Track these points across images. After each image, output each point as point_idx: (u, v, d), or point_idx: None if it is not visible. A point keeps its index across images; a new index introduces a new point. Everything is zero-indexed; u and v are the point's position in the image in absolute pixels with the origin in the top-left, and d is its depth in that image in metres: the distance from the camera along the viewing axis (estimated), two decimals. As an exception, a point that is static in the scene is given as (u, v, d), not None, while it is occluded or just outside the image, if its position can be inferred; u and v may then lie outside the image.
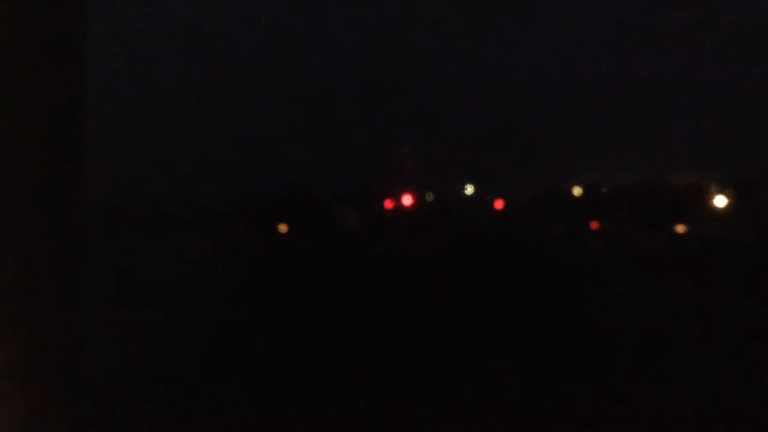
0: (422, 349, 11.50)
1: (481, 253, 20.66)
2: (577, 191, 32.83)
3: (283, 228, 29.79)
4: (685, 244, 26.15)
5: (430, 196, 40.46)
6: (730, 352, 11.29)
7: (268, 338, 11.78)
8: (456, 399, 8.47)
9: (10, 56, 2.02)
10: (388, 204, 39.31)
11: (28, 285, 2.05)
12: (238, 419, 7.22)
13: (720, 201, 32.24)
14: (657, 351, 11.49)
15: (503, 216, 32.47)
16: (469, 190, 40.18)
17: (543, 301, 14.98)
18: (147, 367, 9.09)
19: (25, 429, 2.04)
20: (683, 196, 31.94)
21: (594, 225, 28.06)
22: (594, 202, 29.30)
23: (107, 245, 23.38)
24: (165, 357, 9.83)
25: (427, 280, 17.14)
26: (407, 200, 38.27)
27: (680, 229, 28.75)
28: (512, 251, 21.23)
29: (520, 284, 17.05)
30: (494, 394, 8.88)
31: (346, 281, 18.08)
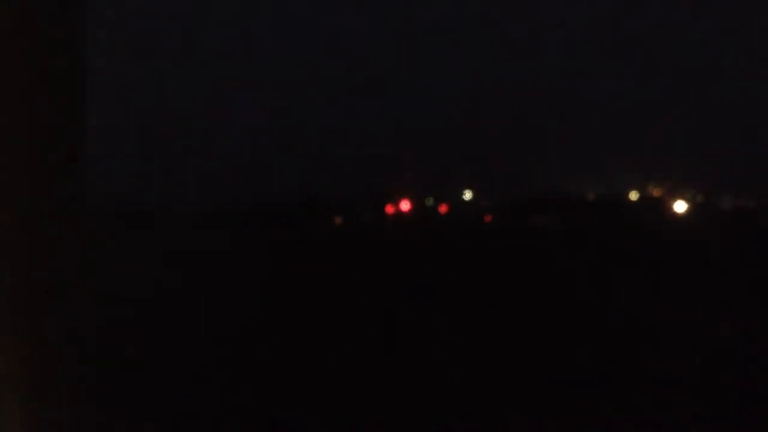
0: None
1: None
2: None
3: (338, 221, 39.61)
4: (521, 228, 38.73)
5: (429, 201, 43.29)
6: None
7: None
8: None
9: (11, 57, 2.02)
10: (389, 209, 42.16)
11: (28, 286, 2.04)
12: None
13: (679, 206, 40.23)
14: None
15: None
16: (468, 195, 43.49)
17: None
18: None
19: (24, 430, 2.04)
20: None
21: (487, 218, 41.49)
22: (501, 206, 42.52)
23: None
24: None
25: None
26: (405, 205, 42.01)
27: (535, 221, 40.21)
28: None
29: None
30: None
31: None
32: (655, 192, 42.75)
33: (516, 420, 7.10)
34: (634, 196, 43.28)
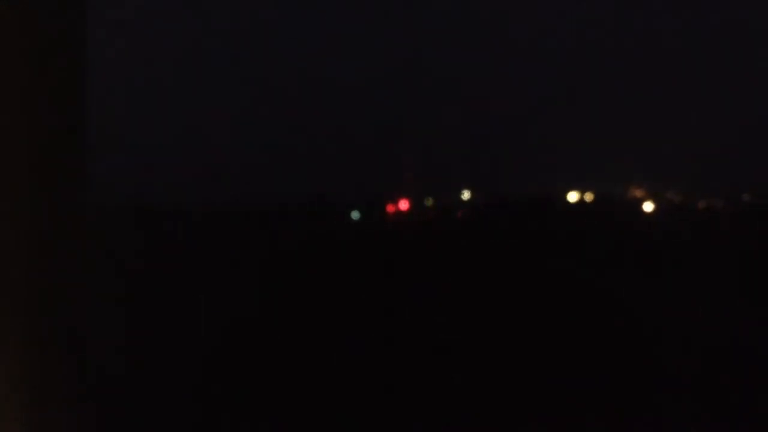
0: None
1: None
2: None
3: (355, 216, 43.35)
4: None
5: (429, 201, 45.02)
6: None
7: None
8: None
9: (11, 57, 2.02)
10: (390, 209, 43.95)
11: (28, 286, 2.04)
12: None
13: (648, 206, 43.61)
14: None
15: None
16: (466, 195, 45.29)
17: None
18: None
19: (24, 430, 2.03)
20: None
21: (459, 215, 42.78)
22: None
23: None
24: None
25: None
26: (404, 205, 44.19)
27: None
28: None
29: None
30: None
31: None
32: (637, 193, 44.19)
33: (516, 420, 7.09)
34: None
